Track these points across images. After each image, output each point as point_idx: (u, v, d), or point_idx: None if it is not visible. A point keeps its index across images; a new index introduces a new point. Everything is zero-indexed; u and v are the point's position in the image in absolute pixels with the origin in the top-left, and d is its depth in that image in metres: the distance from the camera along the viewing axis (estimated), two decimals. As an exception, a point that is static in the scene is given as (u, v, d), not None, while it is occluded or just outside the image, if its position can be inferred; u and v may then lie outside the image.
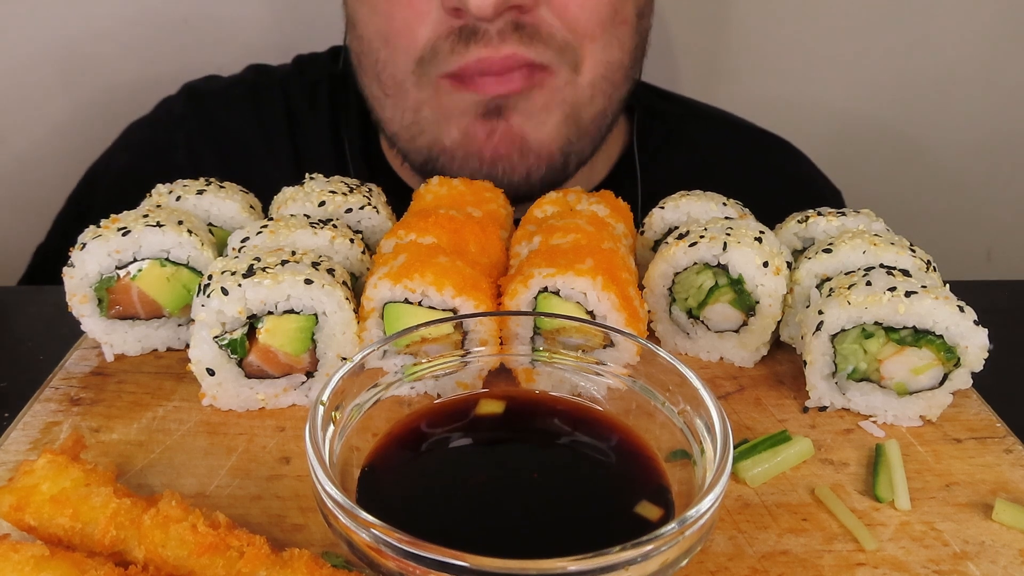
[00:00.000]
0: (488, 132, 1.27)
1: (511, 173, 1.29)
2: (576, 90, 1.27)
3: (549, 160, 1.30)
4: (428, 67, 1.24)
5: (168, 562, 0.66)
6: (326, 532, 0.70)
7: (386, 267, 0.91)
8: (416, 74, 1.26)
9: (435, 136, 1.30)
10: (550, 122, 1.28)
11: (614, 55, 1.29)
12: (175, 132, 1.52)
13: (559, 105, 1.27)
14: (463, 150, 1.29)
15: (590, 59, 1.26)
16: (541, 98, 1.25)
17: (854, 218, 1.06)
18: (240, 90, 1.56)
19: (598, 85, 1.29)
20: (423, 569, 0.59)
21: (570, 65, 1.24)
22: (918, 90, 2.00)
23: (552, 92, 1.25)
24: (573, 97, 1.27)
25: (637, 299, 0.92)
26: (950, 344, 0.87)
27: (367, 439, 0.77)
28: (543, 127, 1.28)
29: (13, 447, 0.85)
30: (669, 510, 0.70)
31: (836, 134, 2.03)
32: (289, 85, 1.55)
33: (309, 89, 1.54)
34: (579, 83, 1.27)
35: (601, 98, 1.31)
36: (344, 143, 1.50)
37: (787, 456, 0.85)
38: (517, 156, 1.28)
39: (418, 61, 1.24)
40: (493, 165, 1.28)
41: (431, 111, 1.29)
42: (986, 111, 2.03)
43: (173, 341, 1.01)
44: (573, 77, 1.25)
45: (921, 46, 1.95)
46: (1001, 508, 0.79)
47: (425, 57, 1.23)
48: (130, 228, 0.94)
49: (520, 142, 1.28)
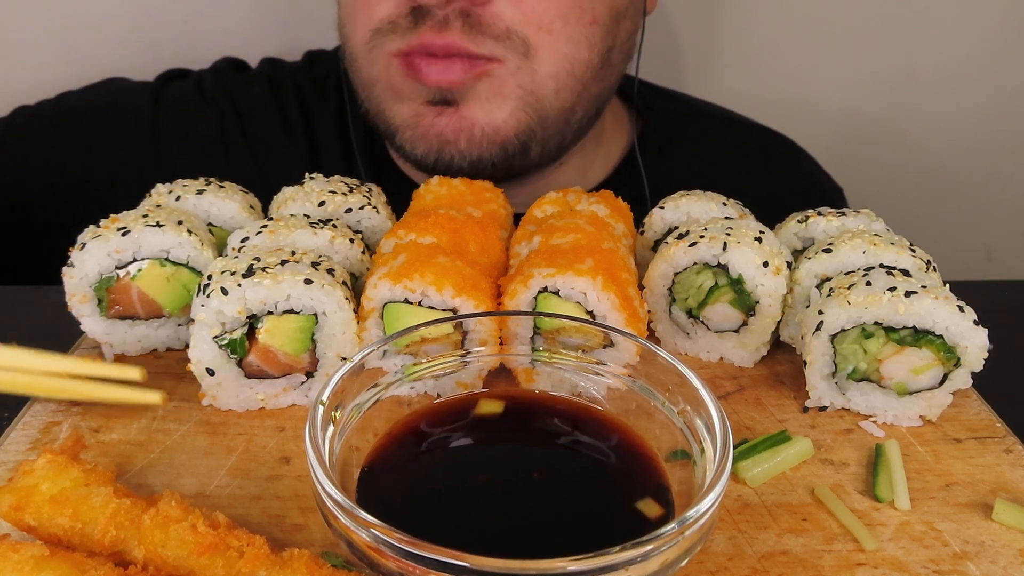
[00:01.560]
0: (435, 115, 1.28)
1: (460, 158, 1.30)
2: (533, 77, 1.27)
3: (503, 145, 1.30)
4: (381, 40, 1.27)
5: (168, 562, 0.66)
6: (326, 532, 0.70)
7: (386, 267, 0.91)
8: (368, 47, 1.29)
9: (388, 113, 1.33)
10: (505, 107, 1.28)
11: (580, 53, 1.28)
12: (207, 107, 1.53)
13: (513, 91, 1.27)
14: (412, 131, 1.31)
15: (548, 51, 1.25)
16: (489, 86, 1.26)
17: (854, 218, 1.06)
18: (260, 79, 1.58)
19: (563, 80, 1.29)
20: (423, 569, 0.59)
21: (518, 52, 1.24)
22: (919, 90, 2.00)
23: (502, 79, 1.26)
24: (530, 84, 1.27)
25: (637, 299, 0.92)
26: (950, 344, 0.87)
27: (367, 439, 0.77)
28: (496, 112, 1.28)
29: (13, 447, 0.85)
30: (669, 510, 0.70)
31: (836, 133, 2.03)
32: (300, 79, 1.57)
33: (318, 83, 1.56)
34: (536, 71, 1.26)
35: (568, 94, 1.31)
36: (351, 138, 1.51)
37: (787, 456, 0.85)
38: (465, 141, 1.29)
39: (372, 33, 1.27)
40: (441, 147, 1.30)
41: (382, 89, 1.32)
42: (986, 111, 2.03)
43: (173, 341, 1.01)
44: (525, 63, 1.25)
45: (922, 46, 1.95)
46: (1001, 508, 0.79)
47: (382, 30, 1.26)
48: (130, 228, 0.94)
49: (468, 127, 1.28)
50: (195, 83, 1.56)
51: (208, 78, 1.57)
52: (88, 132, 1.49)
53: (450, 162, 1.29)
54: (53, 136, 1.50)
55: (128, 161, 1.47)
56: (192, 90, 1.55)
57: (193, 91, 1.54)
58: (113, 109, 1.52)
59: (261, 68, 1.62)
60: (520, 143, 1.31)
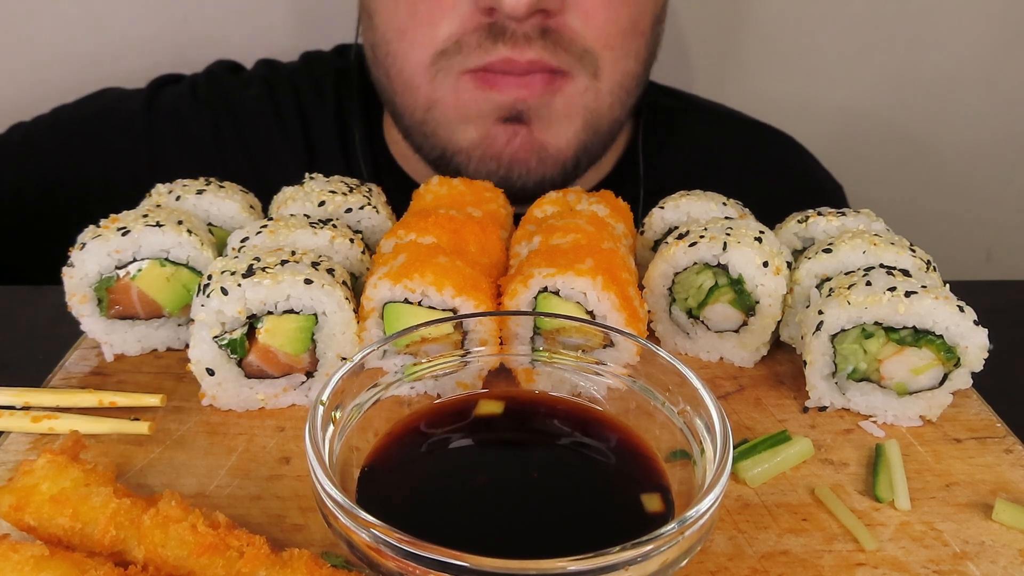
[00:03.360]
0: (509, 136, 1.28)
1: (527, 177, 1.30)
2: (597, 97, 1.28)
3: (564, 164, 1.32)
4: (450, 61, 1.23)
5: (168, 562, 0.66)
6: (326, 532, 0.70)
7: (386, 267, 0.91)
8: (432, 70, 1.25)
9: (449, 135, 1.30)
10: (571, 129, 1.29)
11: (630, 65, 1.31)
12: (201, 110, 1.52)
13: (579, 112, 1.28)
14: (480, 151, 1.30)
15: (610, 68, 1.27)
16: (562, 104, 1.26)
17: (854, 218, 1.06)
18: (256, 81, 1.57)
19: (616, 94, 1.31)
20: (423, 569, 0.59)
21: (589, 72, 1.25)
22: (919, 90, 2.00)
23: (572, 98, 1.27)
24: (595, 104, 1.29)
25: (637, 299, 0.92)
26: (950, 344, 0.87)
27: (367, 439, 0.77)
28: (563, 134, 1.29)
29: (13, 447, 0.85)
30: (669, 510, 0.70)
31: (837, 133, 2.03)
32: (297, 80, 1.56)
33: (315, 85, 1.55)
34: (600, 90, 1.28)
35: (619, 106, 1.33)
36: (351, 138, 1.50)
37: (787, 456, 0.85)
38: (535, 162, 1.30)
39: (438, 55, 1.24)
40: (510, 169, 1.29)
41: (446, 109, 1.28)
42: (987, 111, 2.03)
43: (173, 341, 1.01)
44: (593, 84, 1.27)
45: (923, 46, 1.96)
46: (1001, 508, 0.79)
47: (449, 50, 1.23)
48: (130, 228, 0.94)
49: (539, 148, 1.29)
50: (189, 87, 1.55)
51: (202, 81, 1.56)
52: (83, 141, 1.49)
53: (516, 182, 1.29)
54: (50, 148, 1.49)
55: (123, 166, 1.47)
56: (186, 94, 1.53)
57: (187, 95, 1.53)
58: (107, 117, 1.52)
59: (256, 70, 1.60)
60: (576, 161, 1.33)
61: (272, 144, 1.50)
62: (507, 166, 1.29)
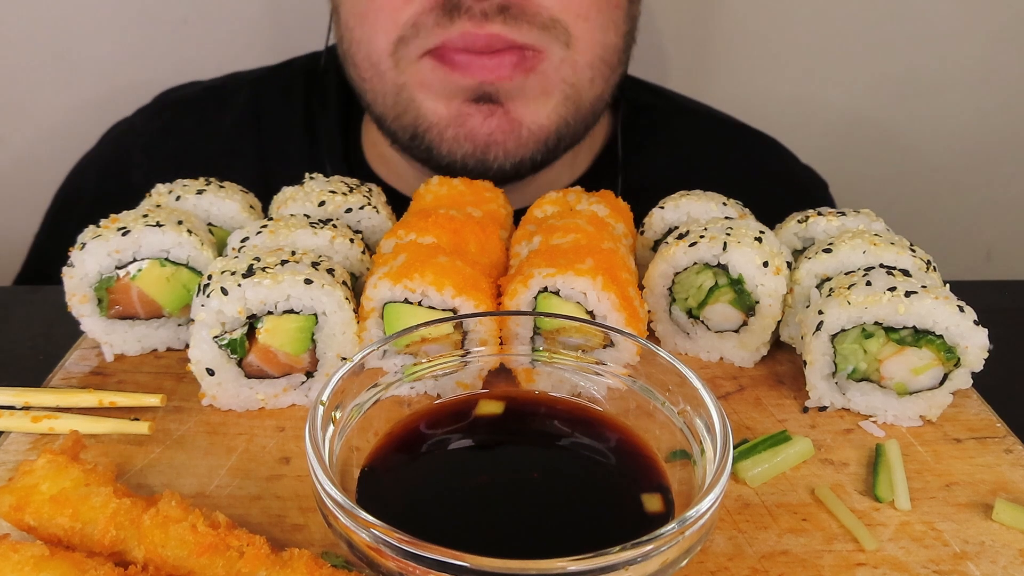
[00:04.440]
0: (484, 116, 1.24)
1: (504, 159, 1.26)
2: (575, 70, 1.24)
3: (545, 142, 1.28)
4: (409, 46, 1.21)
5: (168, 562, 0.66)
6: (326, 532, 0.70)
7: (386, 267, 0.91)
8: (395, 56, 1.23)
9: (419, 113, 1.27)
10: (549, 105, 1.25)
11: (610, 38, 1.27)
12: (132, 150, 1.52)
13: (557, 86, 1.24)
14: (452, 130, 1.26)
15: (585, 39, 1.23)
16: (537, 82, 1.23)
17: (854, 218, 1.06)
18: (206, 96, 1.55)
19: (596, 67, 1.27)
20: (423, 569, 0.59)
21: (561, 42, 1.21)
22: (919, 90, 2.00)
23: (547, 75, 1.23)
24: (573, 77, 1.25)
25: (637, 299, 0.92)
26: (950, 344, 0.87)
27: (367, 439, 0.77)
28: (542, 111, 1.25)
29: (13, 447, 0.85)
30: (669, 510, 0.70)
31: (837, 133, 2.03)
32: (260, 87, 1.54)
33: (282, 91, 1.53)
34: (577, 62, 1.24)
35: (600, 80, 1.29)
36: (320, 146, 1.47)
37: (787, 456, 0.85)
38: (513, 143, 1.26)
39: (397, 41, 1.22)
40: (487, 150, 1.25)
41: (413, 91, 1.26)
42: (986, 111, 2.03)
43: (173, 341, 1.01)
44: (567, 54, 1.22)
45: (919, 44, 1.95)
46: (1001, 508, 0.79)
47: (406, 36, 1.20)
48: (130, 228, 0.94)
49: (517, 127, 1.25)
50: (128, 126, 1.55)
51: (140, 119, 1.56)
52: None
53: (492, 163, 1.25)
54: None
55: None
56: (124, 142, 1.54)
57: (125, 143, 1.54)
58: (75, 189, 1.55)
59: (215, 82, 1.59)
60: (557, 138, 1.29)
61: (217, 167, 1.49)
62: (483, 148, 1.25)
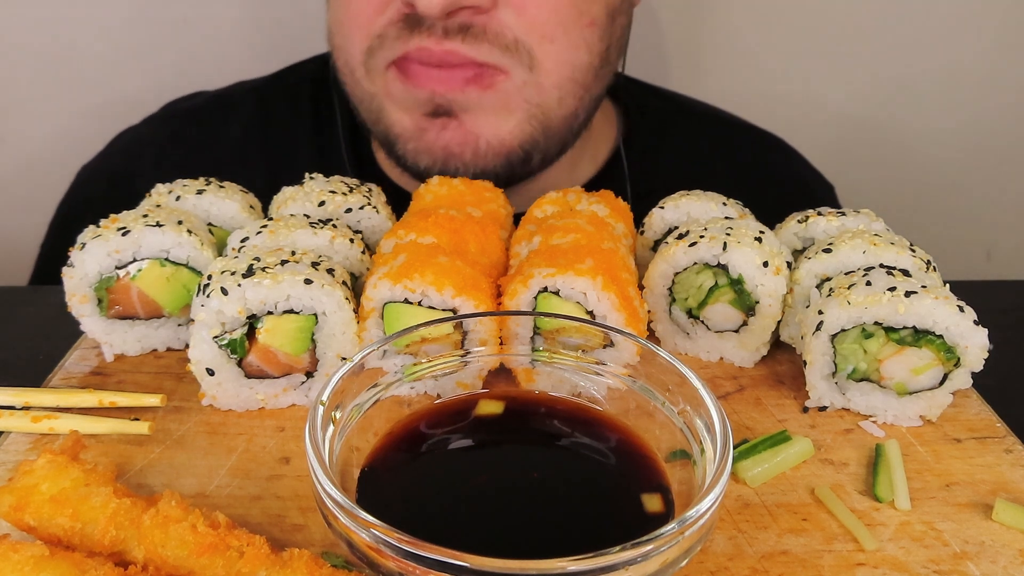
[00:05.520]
0: (438, 129, 1.27)
1: (464, 170, 1.28)
2: (540, 92, 1.25)
3: (508, 155, 1.29)
4: (375, 56, 1.24)
5: (168, 562, 0.66)
6: (326, 532, 0.70)
7: (386, 267, 0.91)
8: (365, 65, 1.27)
9: (388, 122, 1.31)
10: (510, 122, 1.27)
11: (580, 57, 1.27)
12: (140, 159, 1.53)
13: (520, 105, 1.26)
14: (415, 142, 1.29)
15: (551, 60, 1.24)
16: (495, 99, 1.24)
17: (854, 218, 1.06)
18: (213, 105, 1.56)
19: (565, 87, 1.27)
20: (423, 569, 0.59)
21: (524, 65, 1.22)
22: (919, 90, 2.00)
23: (508, 93, 1.24)
24: (538, 98, 1.26)
25: (637, 299, 0.92)
26: (950, 344, 0.87)
27: (367, 439, 0.77)
28: (502, 126, 1.27)
29: (13, 447, 0.85)
30: (669, 510, 0.70)
31: (837, 133, 2.03)
32: (266, 93, 1.55)
33: (289, 96, 1.54)
34: (542, 84, 1.25)
35: (571, 99, 1.30)
36: (337, 147, 1.48)
37: (787, 456, 0.85)
38: (470, 154, 1.28)
39: (367, 51, 1.25)
40: (446, 162, 1.28)
41: (380, 100, 1.30)
42: (986, 111, 2.03)
43: (173, 341, 1.01)
44: (531, 77, 1.23)
45: (919, 44, 1.95)
46: (1001, 508, 0.79)
47: (373, 46, 1.24)
48: (130, 228, 0.94)
49: (473, 140, 1.27)
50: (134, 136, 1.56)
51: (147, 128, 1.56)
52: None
53: (454, 174, 1.27)
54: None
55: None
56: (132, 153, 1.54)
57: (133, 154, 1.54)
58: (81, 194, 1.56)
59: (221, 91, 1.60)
60: (524, 152, 1.30)
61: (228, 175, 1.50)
62: (442, 159, 1.28)
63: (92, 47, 1.83)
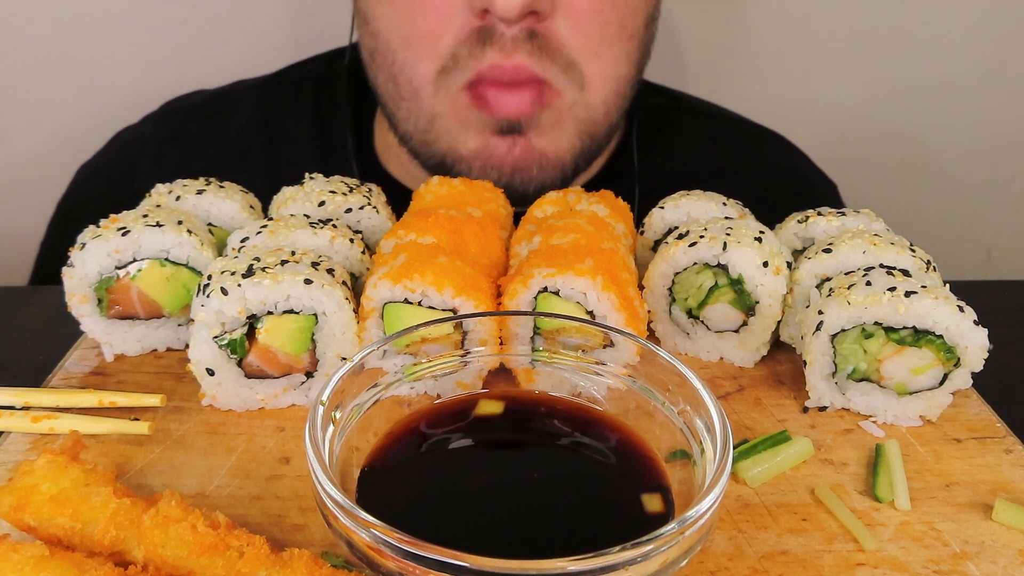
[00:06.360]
0: (508, 146, 1.31)
1: (528, 184, 1.33)
2: (588, 109, 1.30)
3: (563, 169, 1.35)
4: (448, 79, 1.26)
5: (168, 562, 0.66)
6: (326, 532, 0.70)
7: (386, 267, 0.91)
8: (435, 85, 1.28)
9: (451, 144, 1.33)
10: (564, 137, 1.32)
11: (622, 71, 1.32)
12: (140, 157, 1.53)
13: (571, 122, 1.31)
14: (481, 161, 1.32)
15: (599, 77, 1.28)
16: (551, 117, 1.29)
17: (854, 218, 1.06)
18: (213, 103, 1.56)
19: (610, 101, 1.33)
20: (423, 569, 0.59)
21: (575, 84, 1.27)
22: (919, 90, 2.00)
23: (561, 112, 1.29)
24: (586, 116, 1.31)
25: (637, 299, 0.92)
26: (950, 344, 0.87)
27: (367, 439, 0.77)
28: (558, 142, 1.32)
29: (13, 447, 0.85)
30: (669, 510, 0.70)
31: (836, 134, 2.03)
32: (267, 92, 1.56)
33: (291, 95, 1.55)
34: (590, 103, 1.30)
35: (614, 111, 1.35)
36: (339, 145, 1.49)
37: (787, 456, 0.85)
38: (536, 169, 1.33)
39: (440, 71, 1.26)
40: (512, 177, 1.33)
41: (447, 122, 1.31)
42: (986, 111, 2.03)
43: (173, 341, 1.01)
44: (580, 96, 1.28)
45: (922, 46, 1.96)
46: (1001, 508, 0.79)
47: (447, 66, 1.25)
48: (130, 228, 0.94)
49: (539, 156, 1.32)
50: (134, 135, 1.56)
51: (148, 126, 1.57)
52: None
53: (517, 188, 1.32)
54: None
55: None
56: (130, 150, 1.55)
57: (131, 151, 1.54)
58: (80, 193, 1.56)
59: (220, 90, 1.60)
60: (575, 164, 1.36)
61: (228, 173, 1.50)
62: (509, 174, 1.33)
63: (92, 46, 1.83)
